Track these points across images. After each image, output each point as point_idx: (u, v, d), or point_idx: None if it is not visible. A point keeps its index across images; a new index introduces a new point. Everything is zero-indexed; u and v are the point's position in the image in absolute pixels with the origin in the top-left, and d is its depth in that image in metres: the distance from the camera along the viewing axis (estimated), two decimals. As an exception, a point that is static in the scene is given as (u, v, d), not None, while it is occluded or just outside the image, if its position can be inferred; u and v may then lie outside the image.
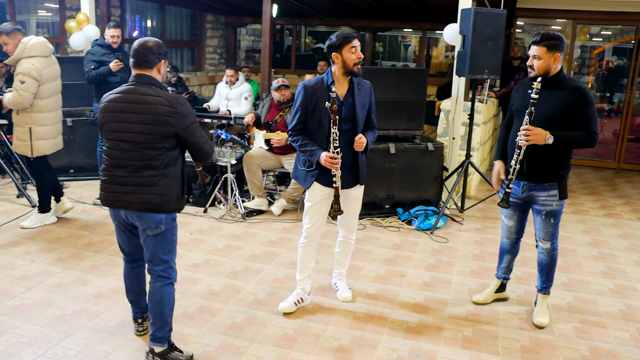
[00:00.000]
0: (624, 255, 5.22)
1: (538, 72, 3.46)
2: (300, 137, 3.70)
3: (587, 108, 3.41)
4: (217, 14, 11.07)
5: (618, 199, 7.32)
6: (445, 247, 5.23)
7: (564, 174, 3.62)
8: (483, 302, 4.11)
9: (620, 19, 8.78)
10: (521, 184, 3.70)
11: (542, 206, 3.67)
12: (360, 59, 3.57)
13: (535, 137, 3.42)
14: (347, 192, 3.80)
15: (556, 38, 3.43)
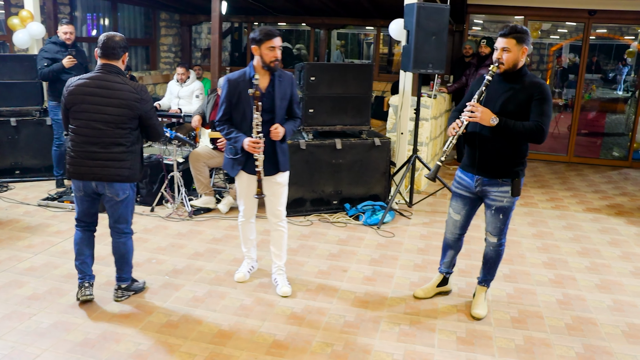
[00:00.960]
0: (567, 246, 5.29)
1: (507, 65, 3.38)
2: (226, 126, 3.90)
3: (542, 104, 3.35)
4: (171, 12, 10.91)
5: (567, 191, 7.43)
6: (391, 241, 5.22)
7: (518, 171, 3.56)
8: (424, 297, 4.08)
9: (569, 16, 8.93)
10: (475, 177, 3.66)
11: (493, 201, 3.63)
12: (277, 58, 3.71)
13: (480, 114, 3.36)
14: (270, 178, 3.96)
15: (524, 31, 3.38)
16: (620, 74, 17.81)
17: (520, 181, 3.58)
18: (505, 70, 3.41)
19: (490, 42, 7.78)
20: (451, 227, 3.93)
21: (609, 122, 13.76)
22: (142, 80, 9.95)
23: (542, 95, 3.35)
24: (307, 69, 5.53)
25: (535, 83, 3.39)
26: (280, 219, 4.08)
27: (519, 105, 3.42)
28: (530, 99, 3.36)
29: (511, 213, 3.68)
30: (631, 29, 14.47)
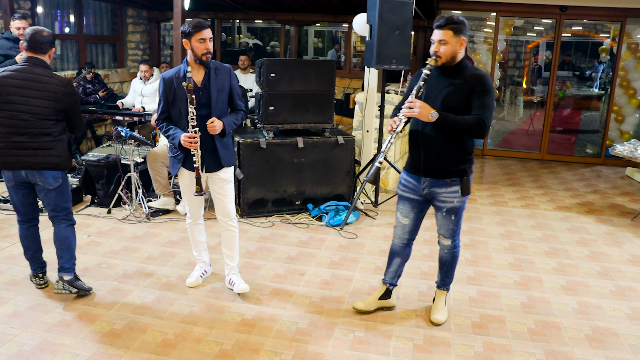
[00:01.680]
0: (534, 246, 5.15)
1: (445, 58, 3.20)
2: (164, 124, 3.77)
3: (483, 96, 3.17)
4: (139, 8, 10.62)
5: (538, 189, 7.32)
6: (353, 243, 5.04)
7: (466, 169, 3.39)
8: (365, 310, 3.75)
9: (540, 12, 8.82)
10: (421, 180, 3.45)
11: (442, 203, 3.43)
12: (208, 50, 3.58)
13: (419, 110, 3.16)
14: (214, 175, 3.83)
15: (461, 22, 3.21)
16: (596, 71, 17.91)
17: (469, 179, 3.41)
18: (443, 64, 3.24)
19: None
20: (399, 232, 3.66)
21: (583, 119, 13.76)
22: (108, 78, 9.67)
23: (483, 87, 3.17)
24: (266, 65, 5.32)
25: (476, 75, 3.21)
26: (230, 218, 3.91)
27: (460, 99, 3.23)
28: (472, 92, 3.19)
29: (462, 213, 3.51)
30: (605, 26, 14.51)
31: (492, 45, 9.25)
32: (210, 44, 3.56)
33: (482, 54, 9.99)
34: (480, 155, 9.50)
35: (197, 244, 4.13)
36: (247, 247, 4.84)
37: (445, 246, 3.62)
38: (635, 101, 9.52)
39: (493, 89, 3.20)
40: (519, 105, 13.95)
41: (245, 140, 5.40)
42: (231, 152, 3.84)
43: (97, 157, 5.91)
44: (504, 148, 10.06)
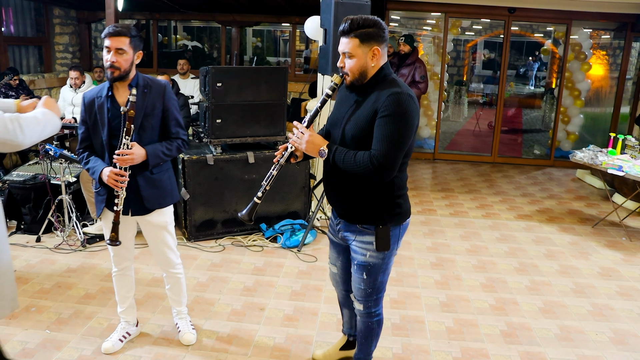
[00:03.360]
0: (504, 262, 4.89)
1: (352, 76, 2.47)
2: (85, 154, 3.06)
3: (385, 123, 2.34)
4: (66, 7, 9.83)
5: (495, 196, 7.12)
6: (313, 267, 4.63)
7: (384, 215, 2.55)
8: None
9: (489, 13, 8.67)
10: (336, 219, 2.78)
11: (354, 253, 2.69)
12: (111, 63, 2.84)
13: (305, 144, 2.50)
14: (143, 219, 3.13)
15: (372, 24, 2.41)
16: (531, 69, 18.23)
17: (388, 230, 2.57)
18: (352, 82, 2.50)
19: (410, 39, 7.34)
20: (333, 282, 3.06)
21: (527, 119, 13.86)
22: (33, 84, 8.86)
23: (387, 110, 2.34)
24: (212, 73, 4.83)
25: (386, 93, 2.38)
26: (173, 267, 3.30)
27: (361, 126, 2.45)
28: (374, 117, 2.39)
29: (382, 274, 2.70)
30: (541, 26, 14.69)
31: (442, 46, 9.03)
32: (116, 56, 2.82)
33: (430, 55, 9.78)
34: (431, 160, 9.28)
35: (123, 299, 3.34)
36: (198, 277, 4.34)
37: (358, 312, 2.84)
38: (580, 102, 9.54)
39: (408, 113, 2.35)
40: (464, 105, 13.93)
41: (191, 156, 4.89)
42: (163, 191, 3.10)
43: (23, 176, 5.25)
44: (454, 151, 9.89)
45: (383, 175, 2.38)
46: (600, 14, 8.43)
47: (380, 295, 2.79)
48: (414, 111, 2.40)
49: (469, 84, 15.95)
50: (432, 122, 9.64)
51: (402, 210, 2.63)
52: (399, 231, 2.65)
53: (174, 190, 3.17)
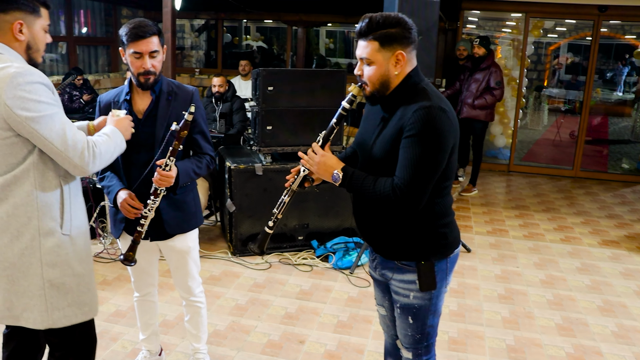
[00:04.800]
0: (585, 299, 4.25)
1: (373, 85, 2.05)
2: None
3: (411, 144, 1.92)
4: (133, 7, 9.83)
5: (576, 216, 6.40)
6: (364, 293, 4.16)
7: (427, 249, 2.12)
8: None
9: (576, 13, 7.89)
10: (372, 255, 2.35)
11: (396, 294, 2.24)
12: (146, 70, 2.46)
13: (317, 166, 2.11)
14: (165, 244, 2.74)
15: (395, 23, 1.98)
16: (620, 74, 16.92)
17: (432, 266, 2.13)
18: (372, 93, 2.08)
19: (485, 41, 6.73)
20: (383, 326, 2.55)
21: (613, 128, 12.79)
22: (99, 84, 8.87)
23: (414, 129, 1.91)
24: (262, 76, 4.46)
25: (412, 107, 1.95)
26: (193, 295, 2.91)
27: (385, 147, 2.04)
28: (400, 135, 1.97)
29: (432, 316, 2.23)
30: (634, 27, 13.52)
31: (522, 49, 8.32)
32: (150, 62, 2.46)
33: (508, 58, 9.07)
34: (505, 172, 8.58)
35: (146, 326, 3.04)
36: (237, 299, 3.98)
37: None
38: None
39: (439, 132, 1.92)
40: (544, 112, 13.04)
41: (238, 165, 4.55)
42: (186, 214, 2.73)
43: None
44: (531, 163, 9.13)
45: (406, 208, 1.97)
46: None
47: (432, 341, 2.31)
48: (447, 129, 1.94)
49: (548, 90, 14.97)
50: (508, 130, 8.94)
51: (448, 241, 2.16)
52: (446, 265, 2.18)
53: (198, 213, 2.80)
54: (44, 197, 1.98)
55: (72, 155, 1.95)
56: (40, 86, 1.91)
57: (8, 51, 1.96)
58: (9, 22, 1.95)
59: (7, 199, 1.95)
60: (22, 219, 1.96)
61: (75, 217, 2.10)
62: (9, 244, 1.96)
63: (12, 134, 1.90)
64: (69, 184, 2.07)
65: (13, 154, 1.93)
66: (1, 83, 1.84)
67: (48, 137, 1.90)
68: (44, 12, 2.03)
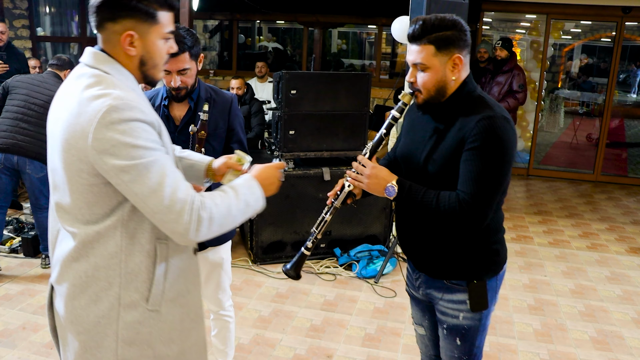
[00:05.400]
0: (617, 310, 4.13)
1: (427, 92, 1.91)
2: None
3: (477, 157, 1.81)
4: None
5: (600, 222, 6.26)
6: (391, 304, 4.05)
7: (479, 267, 2.01)
8: None
9: (599, 14, 7.73)
10: (415, 274, 2.21)
11: (443, 315, 2.11)
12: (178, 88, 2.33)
13: (367, 180, 1.94)
14: (201, 254, 2.59)
15: (451, 25, 1.86)
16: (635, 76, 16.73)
17: (484, 285, 2.01)
18: (426, 101, 1.95)
19: (508, 43, 6.59)
20: (421, 346, 2.42)
21: (631, 131, 12.61)
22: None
23: (478, 140, 1.80)
24: (286, 79, 4.35)
25: (474, 118, 1.83)
26: (222, 308, 2.80)
27: (443, 159, 1.91)
28: (461, 148, 1.85)
29: (479, 336, 2.12)
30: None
31: (542, 51, 8.18)
32: (180, 77, 2.32)
33: (528, 60, 8.94)
34: (525, 176, 8.44)
35: None
36: (260, 310, 3.88)
37: None
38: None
39: (505, 143, 1.80)
40: (560, 114, 12.87)
41: (260, 171, 4.45)
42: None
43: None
44: (550, 167, 8.98)
45: (473, 224, 1.85)
46: None
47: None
48: (512, 139, 1.84)
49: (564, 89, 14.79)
50: (526, 133, 8.80)
51: (500, 258, 2.06)
52: (496, 282, 2.07)
53: None
54: (130, 264, 1.58)
55: (168, 219, 1.49)
56: (140, 125, 1.47)
57: (117, 71, 1.57)
58: (117, 34, 1.55)
59: (88, 257, 1.59)
60: (102, 283, 1.59)
61: (171, 288, 1.66)
62: (86, 307, 1.61)
63: (99, 181, 1.51)
64: (168, 248, 1.64)
65: (99, 203, 1.56)
66: (91, 118, 1.45)
67: (139, 193, 1.47)
68: (163, 17, 1.58)
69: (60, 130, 1.53)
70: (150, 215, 1.50)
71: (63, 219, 1.61)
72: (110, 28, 1.54)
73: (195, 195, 1.52)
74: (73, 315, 1.62)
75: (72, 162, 1.51)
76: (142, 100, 1.55)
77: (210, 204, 1.54)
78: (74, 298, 1.60)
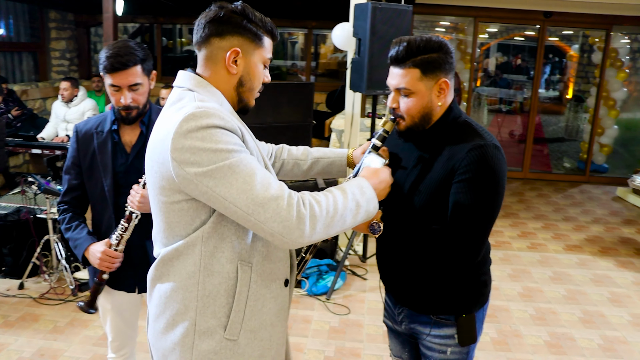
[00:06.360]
0: (565, 311, 4.19)
1: (411, 120, 1.78)
2: (67, 216, 2.27)
3: (468, 186, 1.68)
4: (63, 10, 9.16)
5: (535, 220, 6.42)
6: (346, 322, 3.93)
7: (468, 301, 1.88)
8: None
9: (523, 18, 7.96)
10: (397, 308, 2.04)
11: (428, 350, 1.97)
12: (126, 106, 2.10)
13: None
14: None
15: (437, 47, 1.72)
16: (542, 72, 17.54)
17: (473, 319, 1.90)
18: (409, 128, 1.81)
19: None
20: None
21: (549, 127, 13.15)
22: (26, 94, 8.19)
23: (470, 172, 1.67)
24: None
25: (464, 147, 1.70)
26: None
27: (433, 189, 1.76)
28: (450, 179, 1.72)
29: None
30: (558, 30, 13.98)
31: (471, 53, 8.33)
32: (132, 94, 2.09)
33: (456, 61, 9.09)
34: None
35: None
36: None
37: None
38: (615, 112, 8.83)
39: (497, 174, 1.68)
40: (483, 113, 13.25)
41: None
42: None
43: (5, 209, 4.56)
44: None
45: (465, 261, 1.74)
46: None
47: None
48: (504, 169, 1.73)
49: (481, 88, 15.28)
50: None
51: (488, 289, 1.96)
52: (483, 314, 1.98)
53: None
54: (208, 285, 1.46)
55: (264, 218, 1.34)
56: (219, 130, 1.37)
57: (207, 89, 1.50)
58: (223, 49, 1.51)
59: (167, 277, 1.50)
60: (178, 306, 1.48)
61: (252, 317, 1.52)
62: (164, 331, 1.51)
63: (182, 198, 1.42)
64: (252, 272, 1.51)
65: (181, 223, 1.46)
66: (170, 130, 1.38)
67: (227, 196, 1.34)
68: (267, 42, 1.57)
69: (148, 153, 1.50)
70: (244, 218, 1.36)
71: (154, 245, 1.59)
72: (216, 43, 1.51)
73: (291, 192, 1.39)
74: (154, 338, 1.57)
75: (155, 180, 1.47)
76: (226, 111, 1.46)
77: (311, 200, 1.41)
78: (155, 320, 1.56)
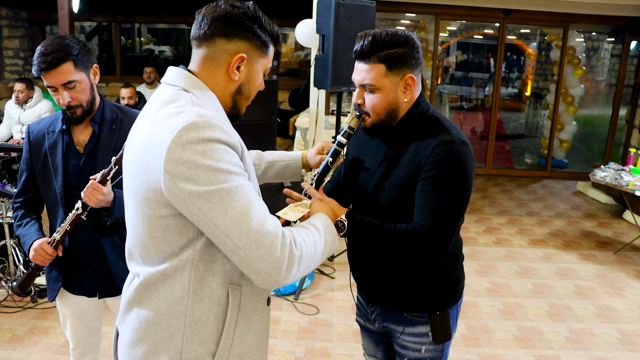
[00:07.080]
0: (532, 305, 4.23)
1: (376, 117, 1.74)
2: (20, 213, 2.22)
3: (434, 183, 1.64)
4: (15, 7, 8.86)
5: (500, 216, 6.49)
6: (315, 321, 3.87)
7: (442, 297, 1.86)
8: None
9: (483, 15, 8.05)
10: (369, 306, 2.01)
11: (402, 349, 1.93)
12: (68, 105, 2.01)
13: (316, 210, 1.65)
14: (116, 300, 2.27)
15: (403, 41, 1.67)
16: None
17: (447, 315, 1.86)
18: (375, 125, 1.76)
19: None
20: None
21: (508, 124, 13.36)
22: (-22, 95, 7.89)
23: (436, 168, 1.64)
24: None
25: (430, 142, 1.67)
26: None
27: (399, 187, 1.73)
28: (416, 176, 1.69)
29: None
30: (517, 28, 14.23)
31: (432, 50, 8.38)
32: (69, 93, 1.99)
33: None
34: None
35: None
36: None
37: None
38: (574, 108, 9.02)
39: (464, 170, 1.64)
40: (445, 110, 13.40)
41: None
42: None
43: (-42, 213, 4.36)
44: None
45: (433, 259, 1.68)
46: (599, 17, 7.92)
47: None
48: (472, 165, 1.69)
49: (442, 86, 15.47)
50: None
51: (461, 285, 1.93)
52: (456, 310, 1.95)
53: None
54: (197, 311, 1.35)
55: (255, 255, 1.24)
56: (221, 147, 1.25)
57: (203, 92, 1.38)
58: (228, 53, 1.39)
59: (149, 300, 1.36)
60: (163, 333, 1.36)
61: (240, 342, 1.42)
62: (144, 358, 1.38)
63: (169, 213, 1.29)
64: (241, 295, 1.40)
65: (167, 239, 1.33)
66: (165, 136, 1.24)
67: (220, 224, 1.23)
68: (271, 51, 1.47)
69: (130, 156, 1.36)
70: (232, 250, 1.26)
71: (128, 258, 1.45)
72: (221, 45, 1.39)
73: (285, 230, 1.31)
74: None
75: (140, 189, 1.32)
76: (226, 122, 1.35)
77: (300, 240, 1.33)
78: (133, 346, 1.40)
